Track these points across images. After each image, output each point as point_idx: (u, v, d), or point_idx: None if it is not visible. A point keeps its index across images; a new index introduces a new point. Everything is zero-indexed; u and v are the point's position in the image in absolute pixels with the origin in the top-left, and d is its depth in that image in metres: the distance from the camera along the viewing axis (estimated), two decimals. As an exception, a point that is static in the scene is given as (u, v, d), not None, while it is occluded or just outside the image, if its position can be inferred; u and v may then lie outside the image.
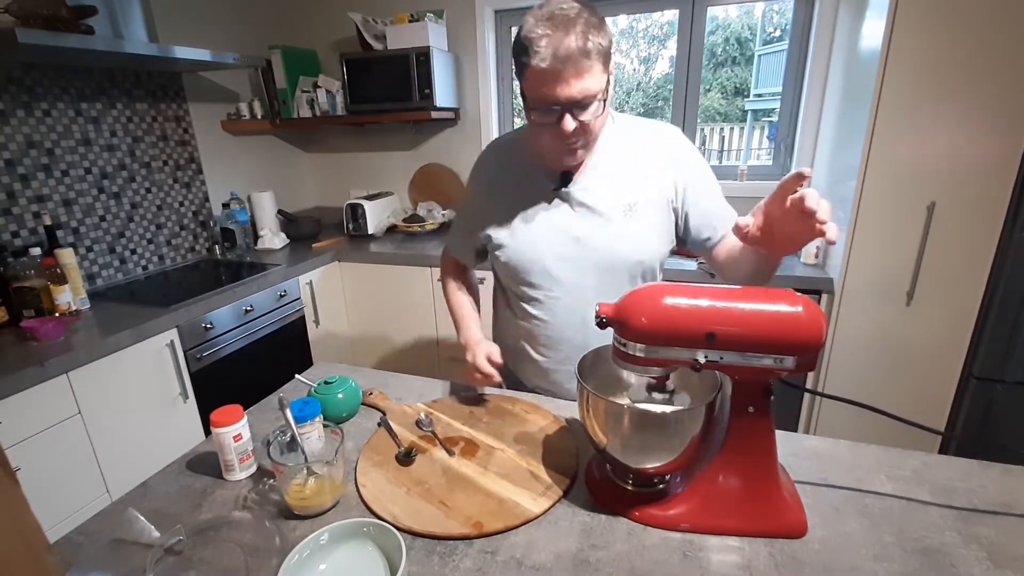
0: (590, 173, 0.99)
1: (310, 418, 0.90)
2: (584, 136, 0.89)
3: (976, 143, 1.53)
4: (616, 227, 0.98)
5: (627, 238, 0.98)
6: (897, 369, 1.79)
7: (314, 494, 0.76)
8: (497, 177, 1.08)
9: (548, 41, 0.78)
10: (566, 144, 0.90)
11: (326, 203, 3.11)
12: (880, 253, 1.71)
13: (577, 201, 0.99)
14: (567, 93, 0.81)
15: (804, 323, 0.64)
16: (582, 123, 0.85)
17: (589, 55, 0.79)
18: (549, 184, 1.00)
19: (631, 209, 0.98)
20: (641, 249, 0.99)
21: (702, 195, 1.00)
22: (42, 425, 1.39)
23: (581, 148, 0.92)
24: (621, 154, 0.99)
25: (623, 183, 0.98)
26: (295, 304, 2.25)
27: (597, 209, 0.98)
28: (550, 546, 0.70)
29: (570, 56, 0.79)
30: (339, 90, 2.58)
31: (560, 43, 0.78)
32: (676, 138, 1.01)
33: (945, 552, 0.67)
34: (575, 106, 0.83)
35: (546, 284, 1.03)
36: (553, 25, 0.79)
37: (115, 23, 1.81)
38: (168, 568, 0.69)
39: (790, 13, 2.27)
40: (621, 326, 0.70)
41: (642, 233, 0.98)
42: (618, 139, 1.00)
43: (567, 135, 0.86)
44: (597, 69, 0.82)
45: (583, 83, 0.81)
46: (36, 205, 1.82)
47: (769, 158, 2.49)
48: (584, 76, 0.81)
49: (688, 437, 0.71)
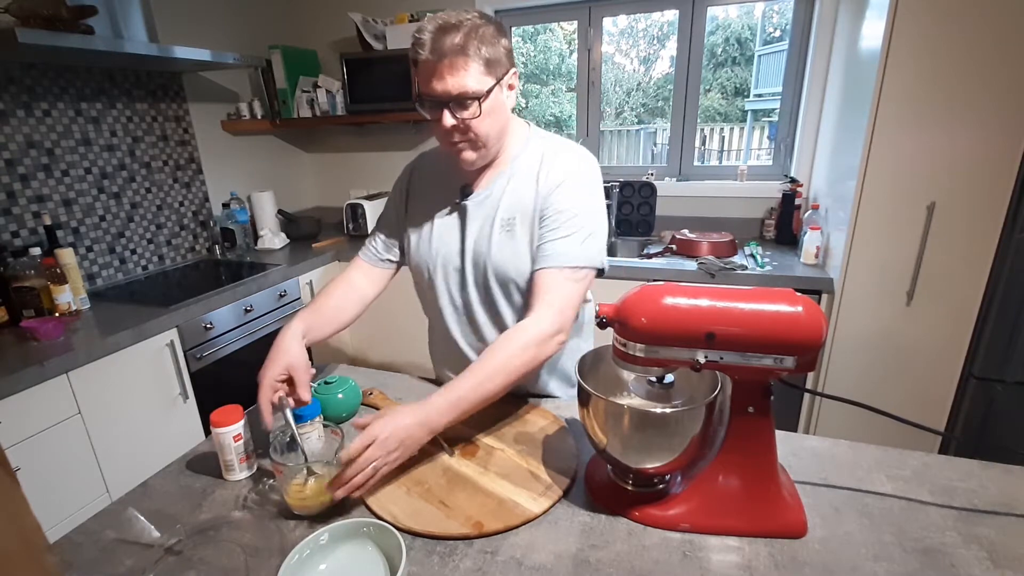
0: (484, 189, 1.01)
1: (310, 418, 0.90)
2: (466, 136, 0.91)
3: (976, 143, 1.53)
4: (492, 242, 0.98)
5: (500, 254, 0.98)
6: (897, 369, 1.79)
7: (314, 494, 0.76)
8: (412, 187, 1.11)
9: (431, 37, 0.85)
10: (450, 142, 0.93)
11: (326, 203, 3.11)
12: (880, 253, 1.71)
13: (467, 214, 1.01)
14: (443, 87, 0.86)
15: (804, 323, 0.64)
16: (463, 122, 0.89)
17: (467, 54, 0.85)
18: (452, 197, 1.03)
19: (508, 224, 0.98)
20: (512, 266, 0.98)
21: (547, 226, 0.94)
22: (42, 425, 1.39)
23: (467, 150, 0.94)
24: (519, 172, 0.99)
25: (509, 200, 0.98)
26: (295, 304, 2.25)
27: (479, 224, 1.00)
28: (550, 546, 0.70)
29: (446, 52, 0.84)
30: (339, 90, 2.58)
31: (441, 40, 0.84)
32: (562, 164, 0.97)
33: (945, 552, 0.67)
34: (452, 103, 0.88)
35: (431, 294, 1.07)
36: (438, 25, 0.85)
37: (115, 23, 1.81)
38: (168, 568, 0.69)
39: (790, 13, 2.27)
40: (621, 326, 0.70)
41: (514, 249, 0.97)
42: (523, 157, 1.00)
43: (446, 131, 0.90)
44: (476, 70, 0.86)
45: (458, 80, 0.86)
46: (36, 205, 1.82)
47: (769, 158, 2.49)
48: (459, 73, 0.85)
49: (688, 437, 0.71)
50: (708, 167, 2.65)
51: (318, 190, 3.14)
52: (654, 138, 3.74)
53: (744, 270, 1.93)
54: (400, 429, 0.78)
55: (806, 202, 2.25)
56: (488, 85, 0.88)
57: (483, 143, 0.93)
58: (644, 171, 2.53)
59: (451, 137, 0.92)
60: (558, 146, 1.00)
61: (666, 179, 2.49)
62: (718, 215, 2.42)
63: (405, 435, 0.78)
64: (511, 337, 0.89)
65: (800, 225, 2.20)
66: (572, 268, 0.93)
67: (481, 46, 0.86)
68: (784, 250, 2.19)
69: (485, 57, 0.86)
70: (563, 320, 0.91)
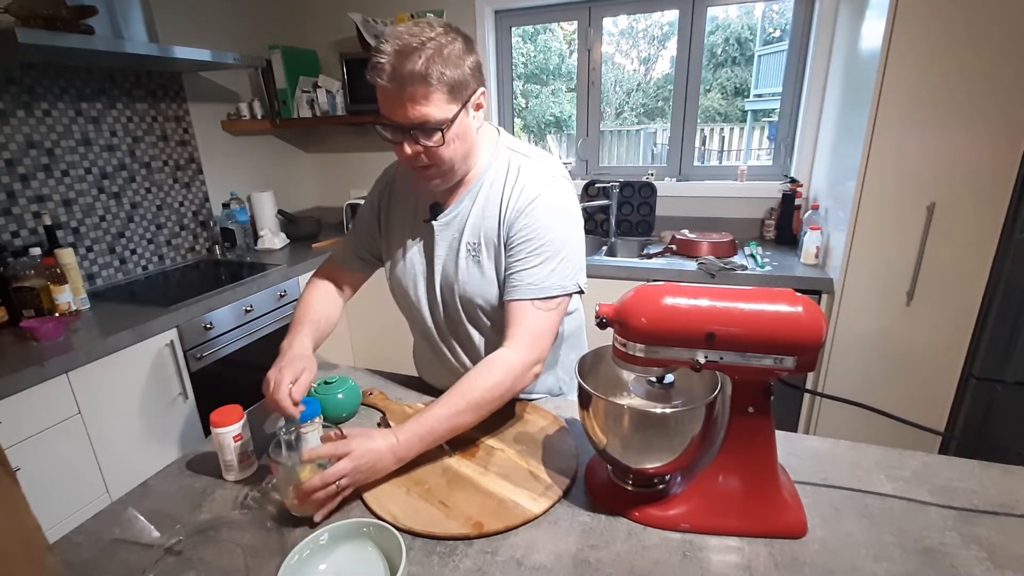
0: (451, 210, 0.96)
1: (310, 418, 0.90)
2: (430, 162, 0.87)
3: (976, 143, 1.53)
4: (460, 268, 0.96)
5: (466, 279, 0.96)
6: (897, 369, 1.79)
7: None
8: (385, 200, 1.07)
9: (390, 62, 0.78)
10: (413, 167, 0.89)
11: (326, 203, 3.11)
12: (880, 253, 1.71)
13: (437, 236, 0.97)
14: (403, 116, 0.81)
15: (804, 323, 0.64)
16: (426, 149, 0.84)
17: (429, 83, 0.78)
18: (423, 213, 0.99)
19: (474, 249, 0.95)
20: (477, 292, 0.96)
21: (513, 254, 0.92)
22: (42, 425, 1.39)
23: (432, 177, 0.89)
24: (484, 189, 0.95)
25: (474, 222, 0.95)
26: (295, 304, 2.25)
27: (444, 249, 0.97)
28: (550, 546, 0.70)
29: (406, 80, 0.78)
30: (339, 90, 2.58)
31: (401, 66, 0.78)
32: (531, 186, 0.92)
33: (945, 552, 0.67)
34: (414, 130, 0.82)
35: (409, 312, 1.07)
36: (398, 49, 0.78)
37: (115, 23, 1.81)
38: (168, 568, 0.69)
39: (790, 13, 2.27)
40: (621, 326, 0.70)
41: (481, 275, 0.95)
42: (491, 171, 0.95)
43: (408, 157, 0.86)
44: (438, 99, 0.80)
45: (420, 110, 0.80)
46: (36, 205, 1.82)
47: (769, 158, 2.49)
48: (420, 103, 0.80)
49: (688, 437, 0.71)
50: (708, 167, 2.65)
51: (318, 190, 3.14)
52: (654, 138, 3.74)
53: (744, 270, 1.93)
54: (373, 452, 0.77)
55: (806, 202, 2.25)
56: (452, 112, 0.83)
57: (448, 168, 0.89)
58: (644, 171, 2.53)
59: (412, 163, 0.88)
60: (526, 162, 0.95)
61: (666, 179, 2.49)
62: (718, 215, 2.42)
63: (376, 459, 0.78)
64: (484, 372, 0.87)
65: (800, 225, 2.20)
66: (543, 299, 0.90)
67: (444, 71, 0.79)
68: (784, 250, 2.19)
69: (449, 83, 0.80)
70: (538, 352, 0.89)
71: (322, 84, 2.64)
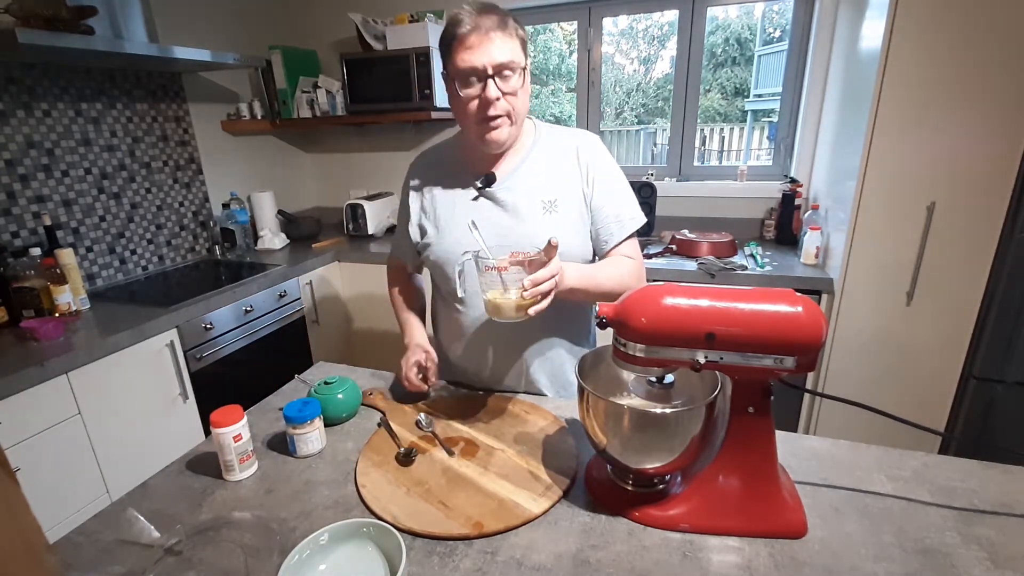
0: (512, 174, 1.05)
1: (310, 418, 0.90)
2: (506, 109, 0.95)
3: (976, 143, 1.53)
4: (536, 224, 1.02)
5: (546, 231, 1.01)
6: (897, 369, 1.79)
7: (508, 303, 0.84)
8: (426, 180, 1.12)
9: (471, 16, 0.91)
10: (489, 118, 0.95)
11: (326, 203, 3.11)
12: (880, 253, 1.71)
13: (499, 199, 1.04)
14: (489, 58, 0.90)
15: (804, 323, 0.64)
16: (504, 95, 0.94)
17: (507, 28, 0.92)
18: (474, 184, 1.06)
19: (551, 206, 1.03)
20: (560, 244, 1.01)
21: (605, 199, 1.05)
22: (42, 425, 1.39)
23: (503, 124, 0.97)
24: (541, 157, 1.06)
25: (543, 183, 1.04)
26: (295, 304, 2.25)
27: (518, 207, 1.03)
28: (550, 546, 0.70)
29: (491, 26, 0.90)
30: (339, 90, 2.58)
31: (482, 16, 0.91)
32: (590, 143, 1.07)
33: (945, 552, 0.67)
34: (496, 74, 0.92)
35: (472, 278, 1.05)
36: (479, 8, 0.92)
37: (115, 23, 1.81)
38: (168, 568, 0.69)
39: (790, 13, 2.27)
40: (621, 326, 0.70)
41: (561, 229, 1.02)
42: (539, 144, 1.07)
43: (490, 104, 0.93)
44: (516, 44, 0.93)
45: (504, 50, 0.91)
46: (36, 205, 1.82)
47: (769, 158, 2.49)
48: (505, 45, 0.91)
49: (688, 437, 0.71)
50: (708, 167, 2.65)
51: (318, 190, 3.14)
52: (654, 138, 3.74)
53: (744, 270, 1.93)
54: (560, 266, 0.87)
55: (806, 202, 2.25)
56: (524, 63, 0.95)
57: (516, 119, 0.98)
58: (644, 171, 2.53)
59: (488, 111, 0.94)
60: (571, 131, 1.09)
61: (666, 179, 2.49)
62: (718, 215, 2.42)
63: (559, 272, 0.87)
64: (621, 261, 1.04)
65: (800, 225, 2.20)
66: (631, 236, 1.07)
67: (516, 27, 0.93)
68: (784, 250, 2.19)
69: (520, 36, 0.94)
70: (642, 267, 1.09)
71: (322, 84, 2.64)
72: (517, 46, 0.93)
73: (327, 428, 0.97)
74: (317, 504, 0.80)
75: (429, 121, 2.68)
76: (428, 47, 2.31)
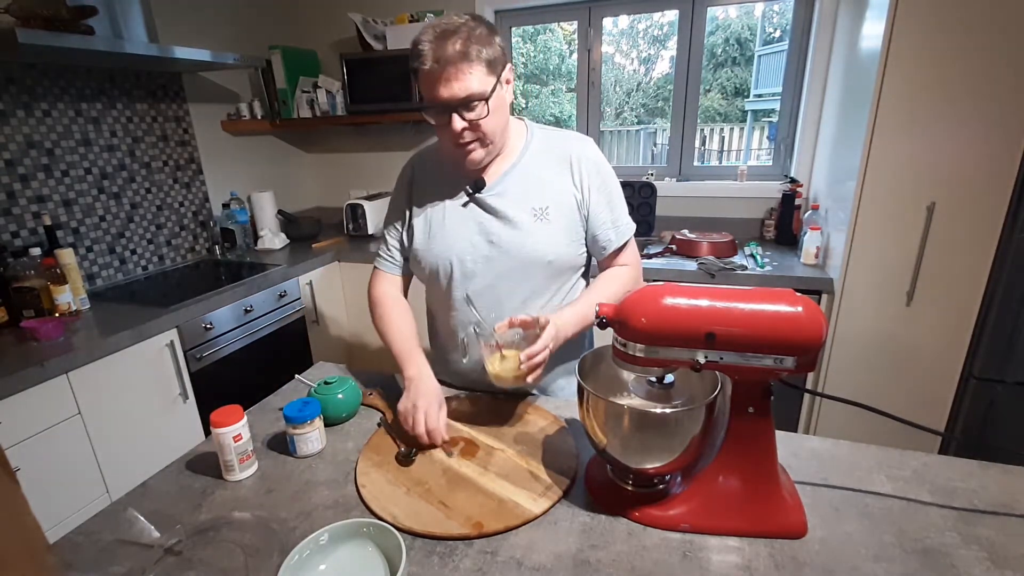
0: (503, 179, 1.04)
1: (310, 418, 0.90)
2: (475, 135, 0.95)
3: (976, 143, 1.53)
4: (527, 229, 1.02)
5: (537, 240, 1.02)
6: (897, 369, 1.79)
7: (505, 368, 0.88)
8: (415, 185, 1.12)
9: (430, 47, 0.88)
10: (459, 143, 0.96)
11: (326, 203, 3.11)
12: (880, 253, 1.71)
13: (490, 205, 1.04)
14: (449, 92, 0.89)
15: (804, 323, 0.64)
16: (470, 123, 0.93)
17: (469, 59, 0.88)
18: (464, 190, 1.05)
19: (543, 214, 1.03)
20: (551, 251, 1.03)
21: (601, 206, 1.05)
22: (42, 425, 1.39)
23: (476, 148, 0.97)
24: (533, 162, 1.05)
25: (535, 188, 1.03)
26: (295, 304, 2.25)
27: (509, 212, 1.03)
28: (550, 546, 0.70)
29: (450, 59, 0.87)
30: (339, 90, 2.58)
31: (442, 48, 0.87)
32: (584, 148, 1.06)
33: (945, 552, 0.67)
34: (459, 106, 0.91)
35: (463, 284, 1.06)
36: (437, 34, 0.88)
37: (115, 23, 1.81)
38: (168, 568, 0.69)
39: (790, 13, 2.27)
40: (621, 326, 0.70)
41: (552, 235, 1.03)
42: (532, 148, 1.06)
43: (456, 134, 0.93)
44: (479, 72, 0.90)
45: (464, 84, 0.89)
46: (36, 205, 1.82)
47: (769, 158, 2.49)
48: (464, 78, 0.89)
49: (688, 437, 0.71)
50: (708, 167, 2.65)
51: (318, 190, 3.14)
52: (654, 138, 3.74)
53: (744, 270, 1.93)
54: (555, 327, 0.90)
55: (806, 202, 2.25)
56: (491, 85, 0.92)
57: (491, 140, 0.97)
58: (644, 171, 2.53)
59: (460, 139, 0.95)
60: (563, 135, 1.09)
61: (666, 179, 2.49)
62: (718, 215, 2.42)
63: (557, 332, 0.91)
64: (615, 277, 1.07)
65: (800, 225, 2.20)
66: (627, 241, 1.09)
67: (481, 48, 0.89)
68: (784, 250, 2.19)
69: (485, 59, 0.90)
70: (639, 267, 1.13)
71: (322, 84, 2.64)
72: (482, 73, 0.90)
73: (327, 428, 0.98)
74: (317, 504, 0.80)
75: (429, 124, 2.68)
76: (428, 47, 2.30)
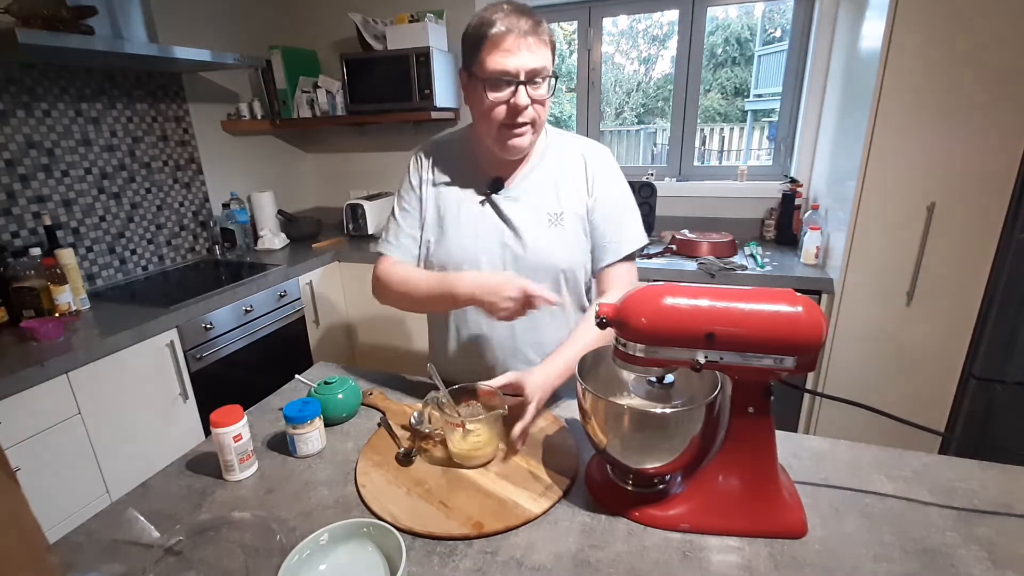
0: (520, 182, 1.03)
1: (310, 418, 0.90)
2: (531, 117, 0.93)
3: (976, 144, 1.53)
4: (539, 234, 1.01)
5: (550, 246, 1.01)
6: (897, 369, 1.79)
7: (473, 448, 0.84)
8: (430, 176, 1.08)
9: (505, 16, 0.87)
10: (515, 124, 0.92)
11: (326, 203, 3.11)
12: (880, 253, 1.71)
13: (505, 207, 1.02)
14: (521, 62, 0.87)
15: (804, 323, 0.64)
16: (533, 102, 0.91)
17: (541, 34, 0.88)
18: (480, 189, 1.04)
19: (558, 219, 1.02)
20: (563, 257, 1.03)
21: (603, 217, 1.04)
22: (42, 425, 1.39)
23: (527, 132, 0.95)
24: (551, 166, 1.04)
25: (551, 194, 1.02)
26: (295, 304, 2.25)
27: (523, 216, 1.02)
28: (550, 546, 0.70)
29: (526, 30, 0.86)
30: (339, 90, 2.58)
31: (517, 19, 0.87)
32: (599, 156, 1.05)
33: (945, 552, 0.67)
34: (528, 81, 0.89)
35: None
36: (510, 9, 0.88)
37: (115, 23, 1.81)
38: (168, 568, 0.69)
39: (790, 13, 2.27)
40: (621, 326, 0.70)
41: (564, 242, 1.02)
42: (550, 152, 1.05)
43: (518, 111, 0.90)
44: (547, 51, 0.89)
45: (536, 55, 0.88)
46: (36, 205, 1.82)
47: (769, 158, 2.49)
48: (536, 50, 0.87)
49: (688, 437, 0.71)
50: (708, 167, 2.65)
51: (318, 190, 3.14)
52: (654, 138, 3.74)
53: (744, 270, 1.93)
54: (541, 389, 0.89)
55: (806, 202, 2.25)
56: (553, 68, 0.92)
57: (539, 128, 0.96)
58: (644, 171, 2.53)
59: (515, 118, 0.91)
60: (581, 141, 1.07)
61: (666, 179, 2.49)
62: (718, 215, 2.42)
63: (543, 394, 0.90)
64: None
65: (800, 225, 2.20)
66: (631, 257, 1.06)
67: (549, 32, 0.90)
68: (784, 250, 2.19)
69: (551, 42, 0.91)
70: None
71: (322, 84, 2.64)
72: (548, 53, 0.90)
73: (327, 428, 0.97)
74: (317, 504, 0.80)
75: (429, 121, 2.68)
76: (428, 47, 2.31)
